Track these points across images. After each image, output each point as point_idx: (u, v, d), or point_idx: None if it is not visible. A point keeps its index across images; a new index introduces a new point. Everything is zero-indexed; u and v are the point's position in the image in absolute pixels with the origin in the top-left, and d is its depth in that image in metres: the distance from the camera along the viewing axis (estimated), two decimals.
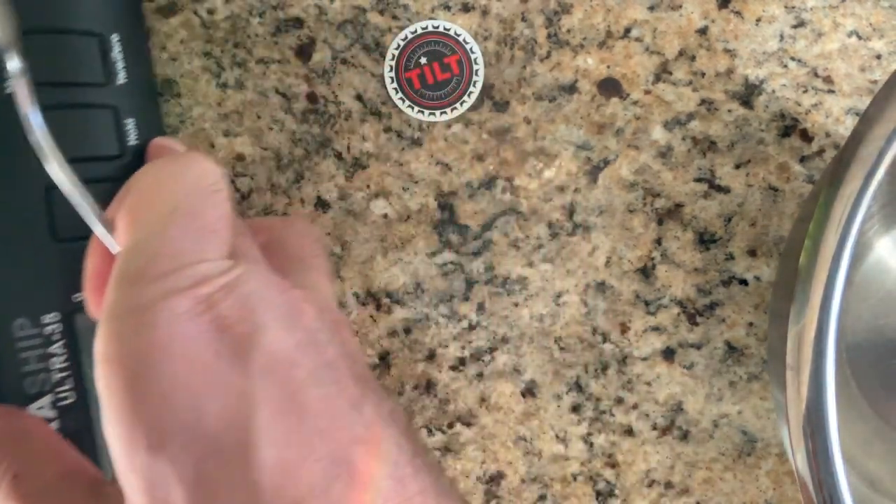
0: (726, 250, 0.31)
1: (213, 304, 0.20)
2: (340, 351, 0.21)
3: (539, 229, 0.30)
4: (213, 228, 0.21)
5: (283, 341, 0.20)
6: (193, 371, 0.19)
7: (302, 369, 0.20)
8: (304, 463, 0.19)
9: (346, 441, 0.20)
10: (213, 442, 0.18)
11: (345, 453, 0.20)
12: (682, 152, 0.30)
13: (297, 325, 0.21)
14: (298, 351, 0.20)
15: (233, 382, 0.19)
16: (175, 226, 0.21)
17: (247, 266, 0.21)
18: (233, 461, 0.18)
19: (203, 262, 0.20)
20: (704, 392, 0.31)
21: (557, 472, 0.31)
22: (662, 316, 0.31)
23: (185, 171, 0.22)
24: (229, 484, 0.18)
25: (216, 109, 0.30)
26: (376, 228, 0.30)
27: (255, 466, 0.18)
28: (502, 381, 0.31)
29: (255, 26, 0.30)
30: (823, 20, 0.30)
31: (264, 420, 0.19)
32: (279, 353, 0.20)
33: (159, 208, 0.21)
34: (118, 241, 0.21)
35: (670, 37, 0.30)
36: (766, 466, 0.31)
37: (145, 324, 0.19)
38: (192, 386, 0.19)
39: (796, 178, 0.30)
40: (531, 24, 0.30)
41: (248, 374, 0.19)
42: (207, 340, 0.19)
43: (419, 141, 0.30)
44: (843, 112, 0.30)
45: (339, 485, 0.19)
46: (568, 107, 0.30)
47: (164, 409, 0.19)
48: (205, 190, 0.22)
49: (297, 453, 0.19)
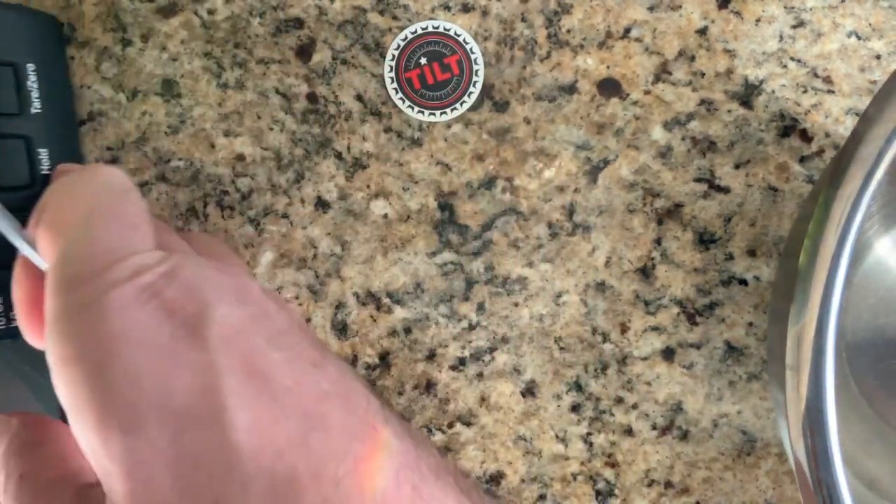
0: (726, 250, 0.31)
1: (157, 291, 0.20)
2: (291, 320, 0.22)
3: (539, 229, 0.30)
4: (134, 223, 0.22)
5: (235, 315, 0.21)
6: (153, 354, 0.19)
7: (258, 337, 0.21)
8: (278, 420, 0.20)
9: (315, 396, 0.21)
10: (186, 415, 0.19)
11: (315, 408, 0.20)
12: (682, 152, 0.30)
13: (246, 299, 0.22)
14: (252, 321, 0.21)
15: (194, 358, 0.20)
16: (97, 226, 0.21)
17: (181, 255, 0.22)
18: (209, 429, 0.19)
19: (135, 255, 0.21)
20: (704, 392, 0.31)
21: (557, 471, 0.31)
22: (662, 316, 0.31)
23: (93, 178, 0.23)
24: (209, 451, 0.19)
25: (216, 110, 0.30)
26: (376, 228, 0.30)
27: (232, 429, 0.19)
28: (502, 381, 0.31)
29: (255, 27, 0.30)
30: (823, 20, 0.30)
31: (232, 386, 0.19)
32: (233, 325, 0.20)
33: (77, 215, 0.22)
34: (44, 257, 0.22)
35: (670, 37, 0.30)
36: (765, 466, 0.31)
37: (96, 318, 0.19)
38: (155, 367, 0.19)
39: (796, 178, 0.30)
40: (531, 24, 0.30)
41: (207, 349, 0.20)
42: (160, 324, 0.20)
43: (419, 141, 0.30)
44: (843, 112, 0.30)
45: (316, 435, 0.20)
46: (568, 107, 0.30)
47: (132, 393, 0.19)
48: (116, 190, 0.23)
49: (268, 412, 0.20)
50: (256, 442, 0.19)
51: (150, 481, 0.19)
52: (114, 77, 0.30)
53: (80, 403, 0.19)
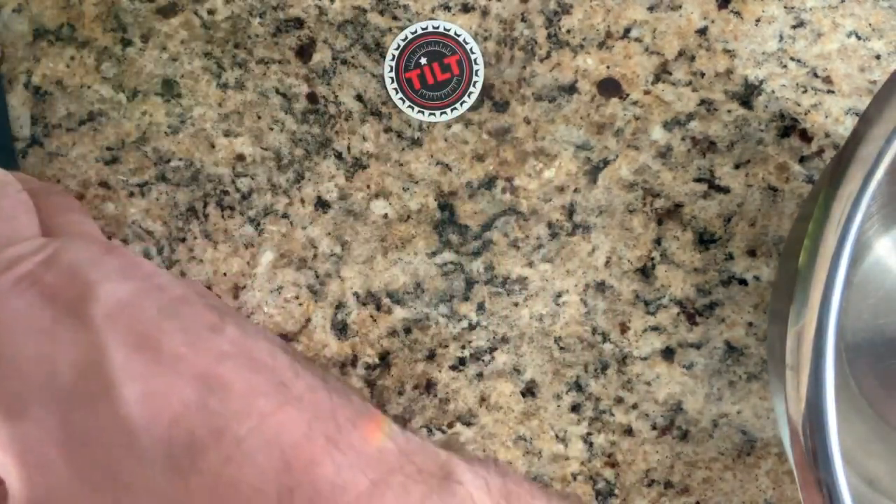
0: (726, 250, 0.31)
1: (36, 279, 0.20)
2: (189, 288, 0.22)
3: (539, 229, 0.30)
4: (11, 215, 0.22)
5: (120, 290, 0.21)
6: (34, 338, 0.20)
7: (148, 309, 0.21)
8: (172, 386, 0.20)
9: (212, 359, 0.21)
10: (73, 393, 0.19)
11: (212, 369, 0.20)
12: (682, 152, 0.30)
13: (134, 274, 0.22)
14: (140, 295, 0.21)
15: (78, 338, 0.20)
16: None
17: (65, 239, 0.22)
18: (98, 405, 0.19)
19: (11, 246, 0.21)
20: (704, 392, 0.31)
21: (557, 471, 0.31)
22: (662, 316, 0.31)
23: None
24: (99, 427, 0.19)
25: (217, 110, 0.30)
26: (376, 228, 0.30)
27: (122, 402, 0.19)
28: (502, 380, 0.31)
29: (255, 27, 0.30)
30: (823, 20, 0.30)
31: (119, 360, 0.20)
32: (119, 300, 0.21)
33: None
34: None
35: (670, 37, 0.30)
36: (765, 466, 0.31)
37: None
38: (36, 350, 0.19)
39: (796, 178, 0.30)
40: (531, 24, 0.30)
41: (91, 327, 0.20)
42: (40, 309, 0.20)
43: (419, 141, 0.30)
44: (843, 112, 0.30)
45: (215, 397, 0.20)
46: (568, 107, 0.30)
47: (13, 378, 0.19)
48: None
49: (162, 381, 0.20)
50: (149, 412, 0.19)
51: (43, 465, 0.19)
52: (114, 77, 0.30)
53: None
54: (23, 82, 0.30)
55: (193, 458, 0.19)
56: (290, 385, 0.21)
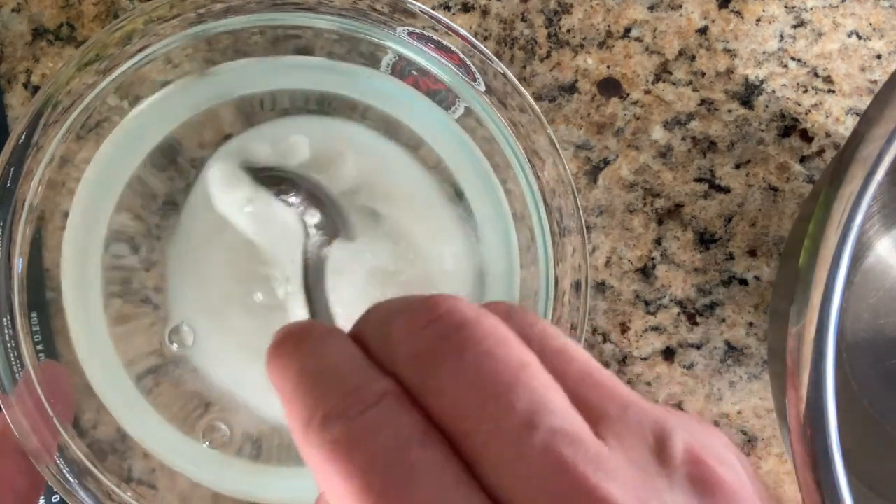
0: (726, 250, 0.31)
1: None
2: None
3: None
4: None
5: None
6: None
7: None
8: None
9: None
10: None
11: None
12: (682, 152, 0.30)
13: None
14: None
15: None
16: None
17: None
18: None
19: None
20: (704, 392, 0.31)
21: None
22: (662, 316, 0.31)
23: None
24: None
25: None
26: None
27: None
28: None
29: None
30: (823, 20, 0.30)
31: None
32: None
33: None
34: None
35: (670, 37, 0.30)
36: (766, 466, 0.31)
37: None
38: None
39: (796, 178, 0.30)
40: (531, 24, 0.30)
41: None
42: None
43: None
44: (843, 112, 0.30)
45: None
46: (568, 107, 0.30)
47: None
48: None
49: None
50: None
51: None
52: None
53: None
54: (22, 82, 0.30)
55: None
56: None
